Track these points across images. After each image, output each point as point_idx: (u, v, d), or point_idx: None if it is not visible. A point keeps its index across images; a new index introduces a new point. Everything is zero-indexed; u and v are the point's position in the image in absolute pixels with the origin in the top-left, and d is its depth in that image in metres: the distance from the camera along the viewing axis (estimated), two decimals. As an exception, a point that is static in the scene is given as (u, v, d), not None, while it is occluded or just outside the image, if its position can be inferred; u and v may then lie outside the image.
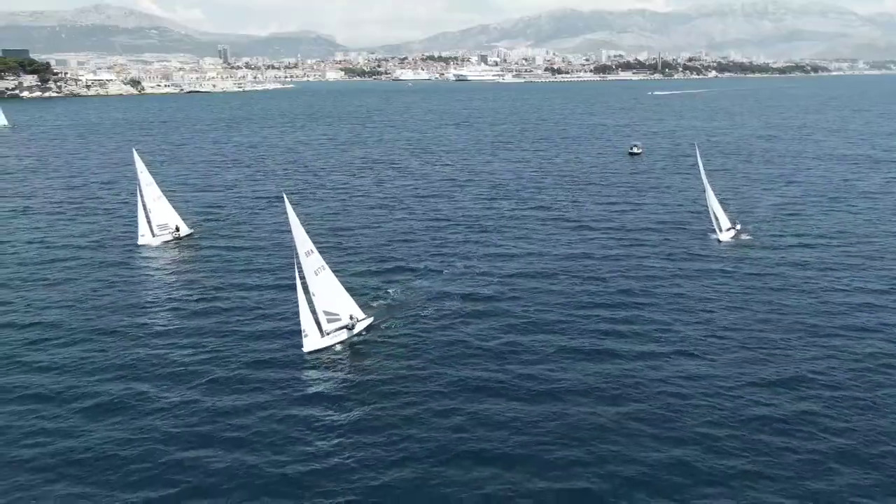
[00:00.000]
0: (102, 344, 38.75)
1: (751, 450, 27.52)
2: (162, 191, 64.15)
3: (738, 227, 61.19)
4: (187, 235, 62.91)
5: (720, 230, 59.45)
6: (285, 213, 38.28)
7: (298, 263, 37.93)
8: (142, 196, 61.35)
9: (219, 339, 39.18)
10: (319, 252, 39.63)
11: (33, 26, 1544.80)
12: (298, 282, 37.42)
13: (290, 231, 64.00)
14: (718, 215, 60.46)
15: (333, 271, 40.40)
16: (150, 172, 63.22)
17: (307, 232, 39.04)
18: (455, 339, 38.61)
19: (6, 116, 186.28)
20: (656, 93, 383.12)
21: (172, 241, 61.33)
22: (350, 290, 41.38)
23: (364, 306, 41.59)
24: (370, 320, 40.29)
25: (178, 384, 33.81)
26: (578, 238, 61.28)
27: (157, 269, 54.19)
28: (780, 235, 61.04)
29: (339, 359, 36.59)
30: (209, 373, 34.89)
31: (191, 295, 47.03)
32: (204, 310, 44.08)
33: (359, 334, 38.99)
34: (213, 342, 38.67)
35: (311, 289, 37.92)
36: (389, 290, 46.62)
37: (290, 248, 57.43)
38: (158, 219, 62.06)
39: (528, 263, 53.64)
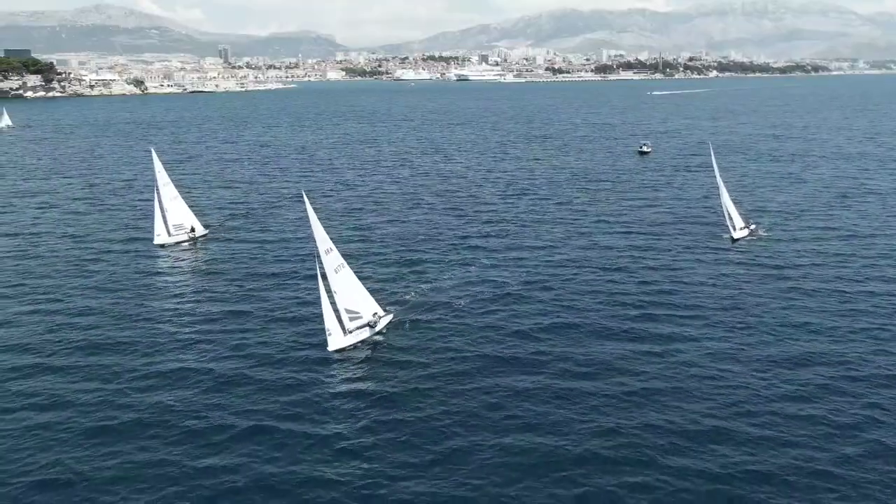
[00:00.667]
0: (120, 344, 38.87)
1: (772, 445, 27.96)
2: (177, 190, 64.42)
3: (752, 225, 61.51)
4: (202, 235, 63.08)
5: (734, 228, 59.71)
6: (301, 211, 38.61)
7: (320, 261, 38.00)
8: (159, 196, 61.53)
9: (242, 339, 39.26)
10: (338, 250, 39.74)
11: (33, 26, 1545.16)
12: (320, 280, 37.58)
13: (307, 229, 64.71)
14: (732, 214, 60.75)
15: (353, 269, 40.48)
16: (166, 172, 63.50)
17: (325, 230, 39.11)
18: (479, 334, 38.80)
19: (10, 117, 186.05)
20: (655, 93, 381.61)
21: (188, 240, 61.54)
22: (371, 287, 41.55)
23: (385, 303, 41.73)
24: (390, 317, 40.43)
25: (200, 385, 33.86)
26: (597, 233, 61.93)
27: (176, 268, 54.29)
28: (794, 233, 61.42)
29: (363, 357, 36.65)
30: (232, 373, 34.95)
31: (211, 295, 47.11)
32: (225, 310, 44.14)
33: (381, 332, 39.11)
34: (237, 342, 38.77)
35: (332, 287, 38.03)
36: (410, 287, 46.83)
37: (307, 247, 58.17)
38: (174, 219, 62.16)
39: (549, 258, 54.27)
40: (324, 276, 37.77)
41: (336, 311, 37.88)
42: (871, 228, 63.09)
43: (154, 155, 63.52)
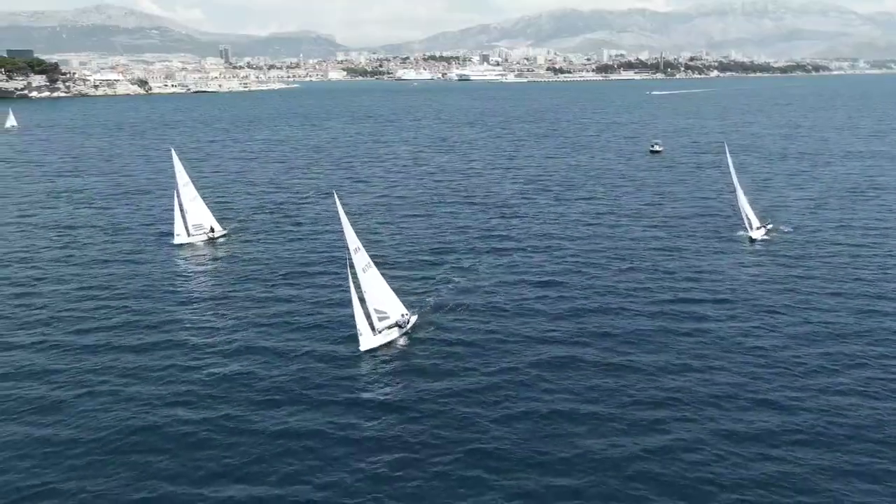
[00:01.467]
0: (146, 344, 39.11)
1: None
2: (196, 190, 64.68)
3: (769, 225, 61.83)
4: (222, 235, 63.33)
5: (751, 228, 60.07)
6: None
7: (350, 260, 38.13)
8: (178, 196, 61.80)
9: (269, 338, 39.48)
10: (363, 249, 39.88)
11: (34, 26, 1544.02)
12: (351, 280, 37.71)
13: (327, 228, 65.34)
14: (748, 213, 61.13)
15: (379, 268, 40.64)
16: (185, 172, 63.75)
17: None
18: (507, 333, 39.01)
19: (16, 117, 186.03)
20: (654, 92, 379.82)
21: (208, 241, 61.78)
22: (396, 286, 41.64)
23: (410, 303, 41.88)
24: (416, 318, 40.50)
25: (228, 385, 34.02)
26: (618, 233, 62.51)
27: (198, 269, 54.38)
28: (812, 232, 61.88)
29: (393, 357, 36.74)
30: (261, 373, 35.10)
31: (234, 295, 47.22)
32: (251, 310, 44.26)
33: (408, 332, 39.25)
34: (265, 342, 38.99)
35: (361, 286, 38.23)
36: (436, 286, 47.09)
37: (328, 246, 58.80)
38: (194, 219, 62.40)
39: (572, 256, 54.92)
40: (354, 276, 37.91)
41: (366, 310, 38.05)
42: (887, 224, 63.90)
43: (174, 155, 63.77)
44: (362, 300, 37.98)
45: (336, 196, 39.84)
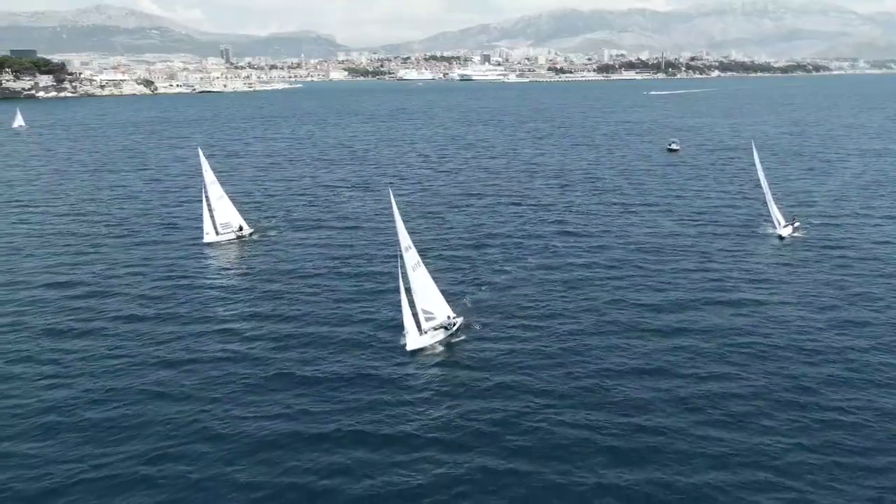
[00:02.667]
0: (190, 341, 39.15)
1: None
2: (224, 188, 64.75)
3: (797, 223, 62.02)
4: (250, 234, 63.39)
5: (779, 225, 60.29)
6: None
7: (401, 258, 38.07)
8: (206, 194, 61.92)
9: (313, 336, 39.46)
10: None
11: (34, 27, 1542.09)
12: (401, 278, 37.67)
13: (356, 226, 65.42)
14: (775, 211, 61.33)
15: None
16: (212, 171, 63.80)
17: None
18: (552, 332, 39.04)
19: (23, 117, 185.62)
20: (652, 93, 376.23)
21: (236, 239, 61.83)
22: (440, 286, 41.40)
23: (455, 302, 41.74)
24: (461, 319, 40.20)
25: (274, 382, 34.10)
26: (650, 229, 63.12)
27: (231, 267, 54.31)
28: (840, 227, 62.40)
29: (440, 358, 36.63)
30: (307, 371, 35.14)
31: (270, 293, 47.13)
32: (289, 308, 44.23)
33: (454, 334, 39.06)
34: (309, 340, 39.00)
35: (411, 285, 38.12)
36: (479, 285, 47.10)
37: (362, 243, 58.91)
38: (221, 217, 62.38)
39: (610, 251, 55.57)
40: (404, 274, 37.85)
41: (413, 310, 37.96)
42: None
43: (201, 154, 63.80)
44: (411, 299, 37.94)
45: (392, 194, 39.82)
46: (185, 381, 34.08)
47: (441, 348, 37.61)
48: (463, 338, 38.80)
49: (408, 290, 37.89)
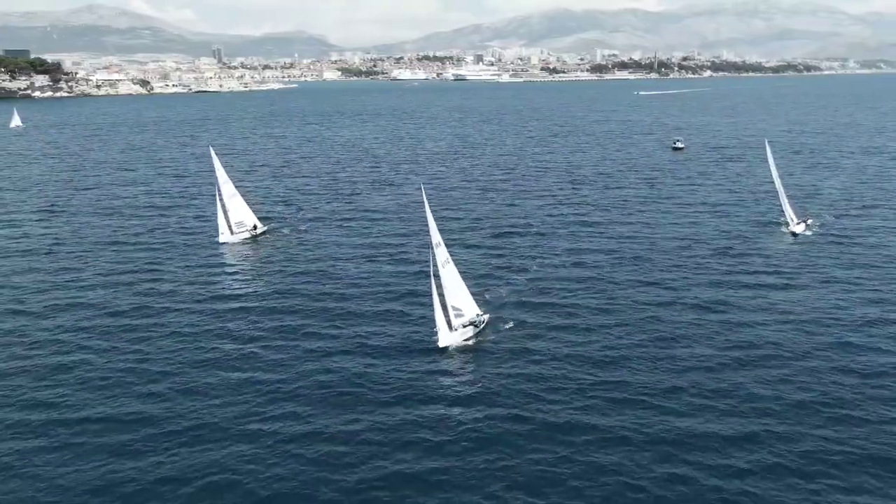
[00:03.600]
0: (221, 341, 39.26)
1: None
2: (237, 187, 64.75)
3: (809, 220, 62.47)
4: (263, 233, 63.39)
5: (792, 222, 60.77)
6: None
7: (433, 255, 38.09)
8: (220, 194, 61.87)
9: (341, 334, 39.60)
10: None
11: (25, 26, 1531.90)
12: (433, 275, 37.71)
13: (372, 224, 65.60)
14: (788, 208, 61.85)
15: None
16: (224, 170, 63.72)
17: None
18: (580, 329, 39.34)
19: (20, 117, 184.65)
20: (642, 93, 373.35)
21: (250, 238, 61.80)
22: (467, 284, 41.60)
23: (482, 299, 41.92)
24: (488, 317, 40.37)
25: (309, 378, 34.25)
26: (668, 227, 63.75)
27: (246, 267, 54.28)
28: (853, 224, 63.06)
29: (470, 354, 36.76)
30: (336, 367, 35.29)
31: (289, 290, 47.24)
32: (311, 304, 44.35)
33: (482, 331, 39.21)
34: (335, 337, 39.16)
35: (442, 282, 38.21)
36: (506, 283, 47.21)
37: (375, 242, 59.06)
38: (235, 216, 62.35)
39: (627, 246, 56.32)
40: (436, 272, 37.90)
41: (444, 307, 38.04)
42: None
43: (213, 153, 63.79)
44: (441, 296, 38.00)
45: (424, 192, 39.99)
46: (211, 380, 34.20)
47: (471, 345, 37.71)
48: (491, 335, 38.90)
49: (439, 287, 37.97)
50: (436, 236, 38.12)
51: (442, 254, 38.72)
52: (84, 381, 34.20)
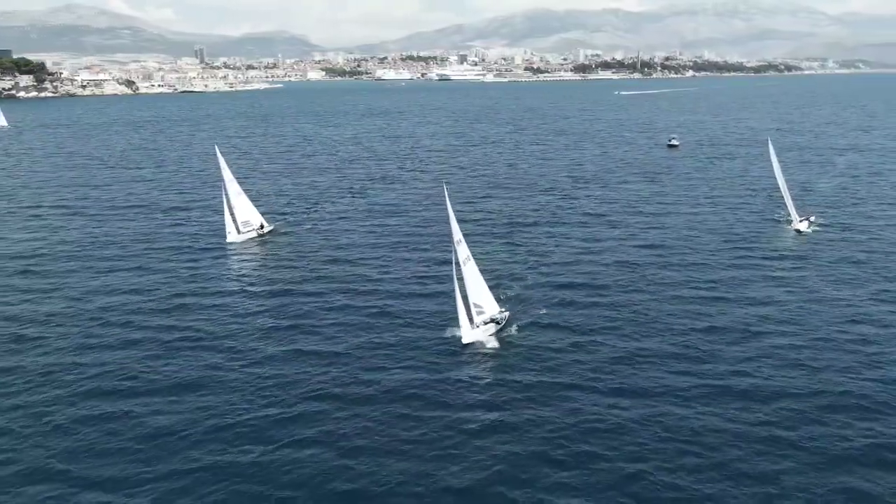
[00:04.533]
0: (244, 341, 39.06)
1: None
2: (241, 186, 64.53)
3: (812, 217, 63.20)
4: (269, 232, 63.20)
5: (796, 220, 61.46)
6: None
7: (455, 252, 38.14)
8: (226, 193, 61.61)
9: (356, 333, 39.58)
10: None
11: (2, 26, 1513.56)
12: (455, 273, 37.73)
13: (379, 221, 65.56)
14: (790, 206, 62.54)
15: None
16: (229, 169, 63.43)
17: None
18: (597, 327, 39.55)
19: (5, 117, 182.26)
20: (623, 93, 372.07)
21: (258, 237, 61.57)
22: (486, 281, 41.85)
23: (500, 299, 41.99)
24: (508, 314, 40.43)
25: (336, 375, 34.22)
26: (670, 222, 64.37)
27: (256, 266, 53.98)
28: (854, 221, 63.81)
29: (492, 352, 36.82)
30: (361, 366, 35.29)
31: (303, 289, 47.07)
32: (328, 303, 44.25)
33: (504, 328, 39.29)
34: (351, 335, 39.15)
35: (464, 279, 38.28)
36: (521, 280, 47.42)
37: (387, 238, 59.09)
38: (241, 216, 62.11)
39: (639, 244, 56.80)
40: (458, 270, 37.88)
41: (466, 304, 38.11)
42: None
43: (218, 152, 63.54)
44: (464, 293, 38.05)
45: (446, 189, 40.03)
46: (224, 379, 34.17)
47: (493, 342, 37.81)
48: (512, 332, 39.02)
49: (461, 284, 38.00)
50: (457, 233, 38.12)
51: (463, 251, 38.69)
52: (87, 381, 34.09)
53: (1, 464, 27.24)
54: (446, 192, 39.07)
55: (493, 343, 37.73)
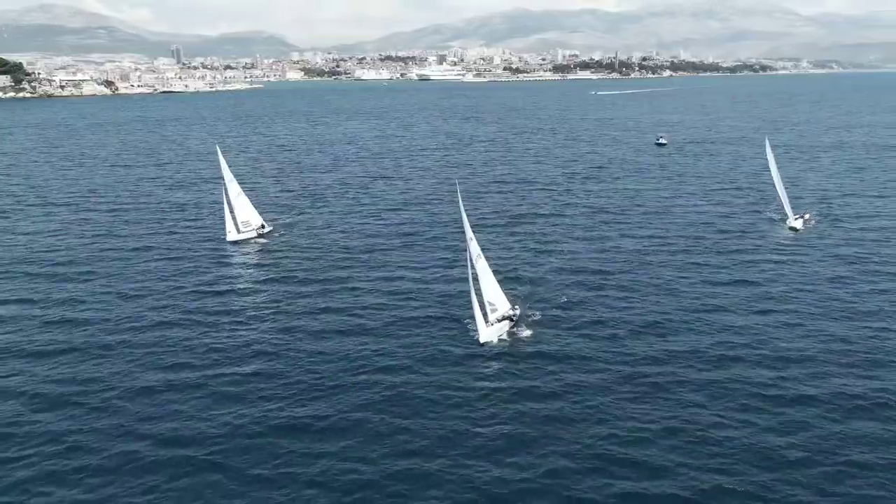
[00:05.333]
0: (260, 342, 38.96)
1: None
2: (240, 185, 64.32)
3: (807, 214, 64.12)
4: (269, 232, 63.03)
5: (790, 218, 62.36)
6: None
7: (468, 250, 38.21)
8: (226, 193, 61.37)
9: (366, 332, 39.59)
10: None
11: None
12: (470, 271, 37.82)
13: (380, 220, 65.68)
14: (785, 204, 63.44)
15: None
16: (229, 169, 63.18)
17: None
18: (609, 325, 39.88)
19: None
20: (600, 93, 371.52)
21: (258, 237, 61.38)
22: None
23: (510, 296, 42.05)
24: (520, 311, 40.62)
25: (354, 376, 34.31)
26: (666, 223, 64.49)
27: (259, 264, 53.73)
28: (849, 218, 64.84)
29: (507, 349, 36.97)
30: (383, 365, 35.38)
31: (305, 289, 46.93)
32: (333, 301, 44.21)
33: (517, 325, 39.45)
34: (376, 333, 39.14)
35: (476, 276, 38.37)
36: (529, 276, 47.80)
37: (388, 237, 59.19)
38: (241, 215, 61.82)
39: (640, 241, 57.35)
40: (473, 268, 37.98)
41: (480, 301, 38.21)
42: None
43: (219, 151, 63.24)
44: (478, 291, 38.14)
45: (458, 186, 40.21)
46: (229, 378, 34.12)
47: (507, 339, 38.06)
48: (525, 329, 39.26)
49: (475, 282, 38.11)
50: (468, 231, 38.23)
51: (474, 248, 38.77)
52: (90, 380, 34.01)
53: None
54: (458, 191, 39.16)
55: (507, 340, 37.95)
